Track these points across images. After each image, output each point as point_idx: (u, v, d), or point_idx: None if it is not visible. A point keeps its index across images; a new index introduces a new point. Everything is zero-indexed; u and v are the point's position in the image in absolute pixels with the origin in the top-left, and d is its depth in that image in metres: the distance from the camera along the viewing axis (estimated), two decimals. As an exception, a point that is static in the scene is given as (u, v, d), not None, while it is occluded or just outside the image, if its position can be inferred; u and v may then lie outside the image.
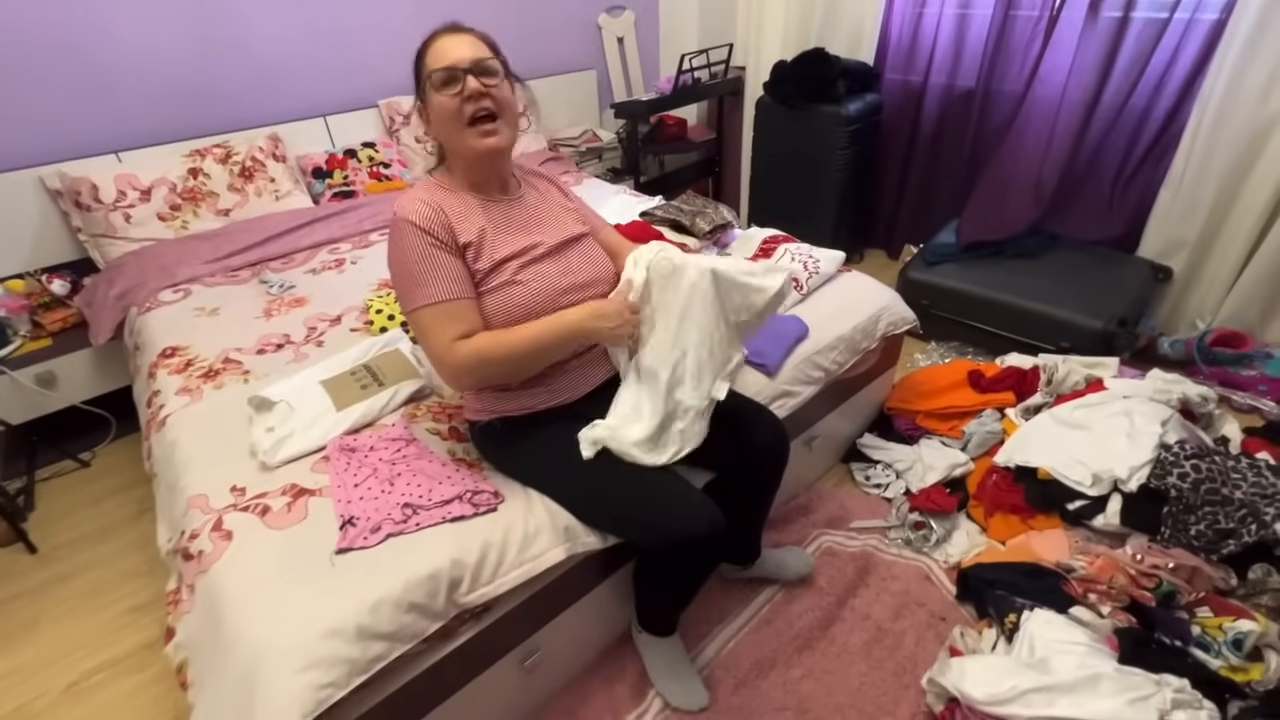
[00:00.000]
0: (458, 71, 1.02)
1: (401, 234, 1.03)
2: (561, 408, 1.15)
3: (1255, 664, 1.21)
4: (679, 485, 1.12)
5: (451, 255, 1.05)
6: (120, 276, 1.91)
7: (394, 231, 1.05)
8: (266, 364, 1.51)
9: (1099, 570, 1.34)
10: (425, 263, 1.02)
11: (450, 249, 1.05)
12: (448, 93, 1.02)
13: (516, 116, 1.10)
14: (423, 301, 1.02)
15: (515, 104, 1.09)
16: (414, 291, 1.02)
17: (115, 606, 1.56)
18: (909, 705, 1.27)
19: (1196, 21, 2.03)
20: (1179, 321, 2.30)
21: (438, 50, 1.05)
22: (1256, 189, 1.99)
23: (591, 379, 1.18)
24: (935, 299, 2.29)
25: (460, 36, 1.06)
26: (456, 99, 1.02)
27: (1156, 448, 1.49)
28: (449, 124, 1.04)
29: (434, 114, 1.06)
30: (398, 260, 1.04)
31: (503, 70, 1.07)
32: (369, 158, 2.46)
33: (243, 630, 0.92)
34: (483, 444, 1.21)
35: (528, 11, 2.86)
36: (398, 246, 1.04)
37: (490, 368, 1.05)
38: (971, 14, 2.48)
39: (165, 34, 2.11)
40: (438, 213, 1.04)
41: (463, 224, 1.07)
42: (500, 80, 1.06)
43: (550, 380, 1.14)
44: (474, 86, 1.02)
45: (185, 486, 1.18)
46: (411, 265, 1.02)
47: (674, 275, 1.09)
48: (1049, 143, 2.33)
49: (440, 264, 1.03)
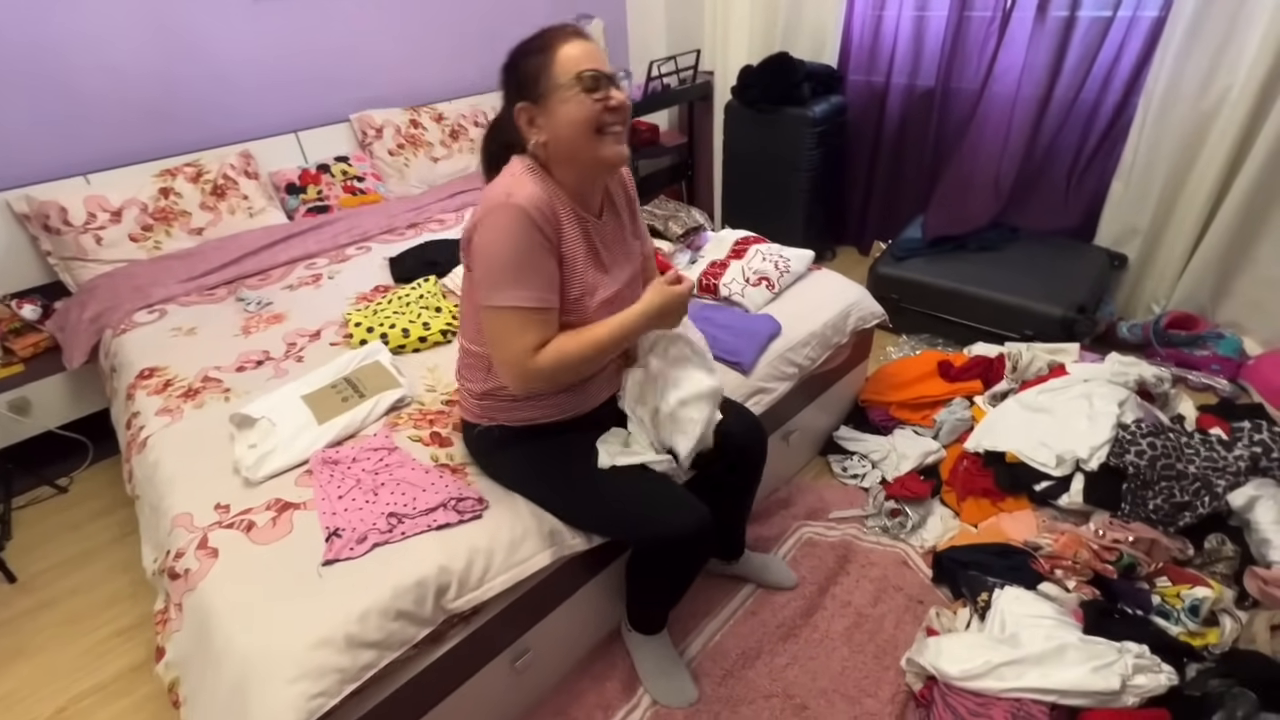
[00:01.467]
0: (604, 78, 0.96)
1: (510, 220, 0.93)
2: (563, 422, 1.16)
3: (1211, 629, 1.28)
4: (668, 486, 1.14)
5: (553, 259, 0.99)
6: (93, 299, 1.90)
7: (499, 214, 0.94)
8: (247, 381, 1.52)
9: (1064, 547, 1.40)
10: (528, 260, 0.95)
11: (553, 252, 0.99)
12: (593, 96, 0.95)
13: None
14: (515, 302, 0.95)
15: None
16: (506, 289, 0.95)
17: (100, 631, 1.55)
18: (890, 686, 1.32)
19: (1138, 19, 2.12)
20: (1136, 306, 2.39)
21: (577, 54, 0.96)
22: (1201, 177, 2.09)
23: (597, 398, 1.19)
24: (904, 293, 2.36)
25: (593, 45, 0.98)
26: (599, 105, 0.96)
27: (1115, 427, 1.56)
28: (580, 128, 0.96)
29: (562, 116, 0.96)
30: (495, 247, 0.94)
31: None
32: (342, 172, 2.47)
33: (233, 644, 0.93)
34: (477, 446, 1.21)
35: (496, 21, 2.88)
36: (501, 232, 0.94)
37: (565, 373, 1.02)
38: (928, 16, 2.56)
39: (131, 54, 2.10)
40: (552, 209, 0.97)
41: (565, 228, 1.01)
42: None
43: (560, 398, 1.13)
44: (621, 98, 0.97)
45: (169, 506, 1.18)
46: (512, 258, 0.94)
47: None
48: (1006, 138, 2.41)
49: (543, 266, 0.97)
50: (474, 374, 1.14)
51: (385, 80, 2.67)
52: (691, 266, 1.88)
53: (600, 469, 1.11)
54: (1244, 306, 2.18)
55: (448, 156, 2.69)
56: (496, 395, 1.12)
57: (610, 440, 1.14)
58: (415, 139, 2.63)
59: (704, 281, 1.77)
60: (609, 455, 1.11)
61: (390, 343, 1.58)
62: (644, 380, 1.15)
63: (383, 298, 1.81)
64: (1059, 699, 1.12)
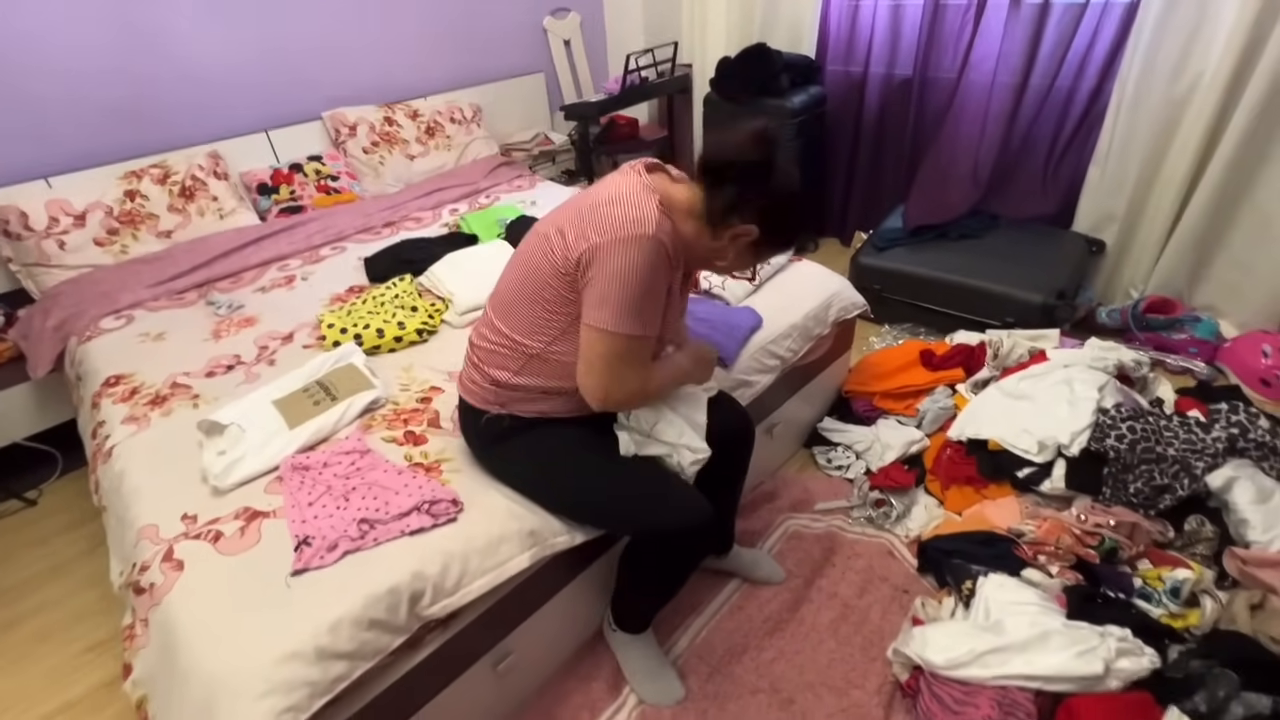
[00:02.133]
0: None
1: (650, 254, 0.97)
2: (574, 418, 1.15)
3: (1193, 610, 1.29)
4: (670, 477, 1.15)
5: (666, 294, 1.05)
6: (57, 306, 1.84)
7: (641, 245, 0.96)
8: (217, 387, 1.48)
9: (1046, 533, 1.40)
10: (652, 294, 1.00)
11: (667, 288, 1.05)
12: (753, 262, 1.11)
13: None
14: (631, 331, 0.99)
15: None
16: (628, 318, 0.98)
17: (70, 647, 1.51)
18: (876, 677, 1.31)
19: (1111, 5, 2.13)
20: (1115, 291, 2.41)
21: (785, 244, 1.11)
22: (1175, 163, 2.10)
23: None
24: (886, 283, 2.35)
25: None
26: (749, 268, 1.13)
27: (1095, 412, 1.56)
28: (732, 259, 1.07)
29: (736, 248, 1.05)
30: (628, 275, 0.97)
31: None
32: (316, 171, 2.42)
33: (199, 661, 0.90)
34: (482, 433, 1.17)
35: (473, 17, 2.84)
36: (638, 262, 0.96)
37: (639, 404, 1.12)
38: (905, 5, 2.55)
39: (93, 52, 2.04)
40: (676, 251, 1.02)
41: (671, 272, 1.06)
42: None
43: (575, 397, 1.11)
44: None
45: (135, 518, 1.14)
46: (640, 290, 0.97)
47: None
48: (984, 126, 2.42)
49: (660, 301, 1.02)
50: (508, 363, 1.11)
51: (358, 77, 2.62)
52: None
53: (608, 460, 1.12)
54: (1219, 290, 2.20)
55: (424, 154, 2.64)
56: (525, 388, 1.11)
57: (630, 427, 1.15)
58: (390, 136, 2.58)
59: (684, 275, 1.76)
60: (633, 444, 1.13)
61: (365, 344, 1.55)
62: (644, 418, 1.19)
63: (357, 298, 1.77)
64: (1043, 685, 1.12)
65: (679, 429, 1.16)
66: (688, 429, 1.16)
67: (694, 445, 1.16)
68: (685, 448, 1.15)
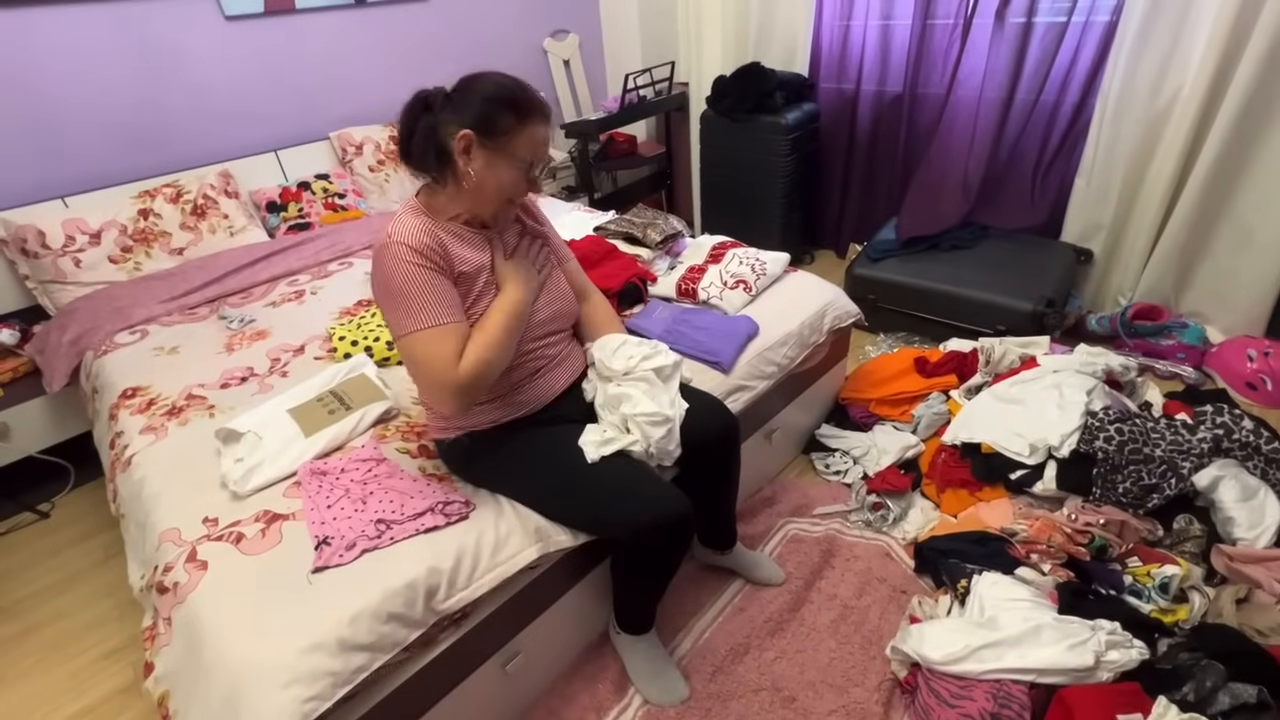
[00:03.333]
0: (540, 166, 1.08)
1: (392, 256, 1.02)
2: (527, 417, 1.20)
3: (1181, 605, 1.32)
4: (645, 473, 1.17)
5: (447, 279, 1.05)
6: (73, 322, 1.89)
7: (382, 254, 1.03)
8: (231, 397, 1.52)
9: (1038, 532, 1.44)
10: (416, 286, 1.01)
11: (446, 270, 1.05)
12: (521, 174, 1.07)
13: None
14: (416, 327, 1.01)
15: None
16: (406, 316, 1.01)
17: (85, 655, 1.54)
18: (876, 674, 1.35)
19: (1091, 24, 2.21)
20: (1104, 299, 2.47)
21: (533, 136, 1.05)
22: (1158, 173, 2.17)
23: (555, 386, 1.24)
24: (880, 293, 2.41)
25: (546, 129, 1.08)
26: (522, 183, 1.08)
27: (1084, 415, 1.61)
28: (492, 189, 1.06)
29: (493, 174, 1.05)
30: (385, 282, 1.03)
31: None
32: (323, 189, 2.48)
33: (224, 654, 0.94)
34: (451, 459, 1.24)
35: (474, 38, 2.92)
36: (388, 268, 1.02)
37: (490, 368, 1.05)
38: (894, 25, 2.64)
39: (112, 81, 2.11)
40: (434, 239, 1.05)
41: (458, 253, 1.09)
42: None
43: (516, 394, 1.18)
44: (535, 191, 1.10)
45: (156, 522, 1.18)
46: (401, 288, 1.01)
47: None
48: (972, 140, 2.49)
49: (433, 289, 1.02)
50: None
51: (364, 98, 2.70)
52: (670, 272, 1.91)
53: (576, 463, 1.14)
54: (1205, 296, 2.26)
55: (428, 171, 2.71)
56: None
57: (590, 434, 1.17)
58: (396, 155, 2.65)
59: (683, 286, 1.81)
60: (595, 449, 1.14)
61: (375, 355, 1.60)
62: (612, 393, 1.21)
63: (366, 311, 1.82)
64: (1037, 678, 1.15)
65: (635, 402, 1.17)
66: (645, 400, 1.17)
67: (652, 413, 1.15)
68: (644, 418, 1.15)
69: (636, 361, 1.20)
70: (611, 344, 1.24)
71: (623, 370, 1.20)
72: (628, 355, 1.21)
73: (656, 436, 1.16)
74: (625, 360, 1.21)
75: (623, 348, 1.23)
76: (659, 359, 1.22)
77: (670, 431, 1.18)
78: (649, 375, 1.20)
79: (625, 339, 1.26)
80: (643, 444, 1.17)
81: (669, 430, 1.18)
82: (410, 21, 2.73)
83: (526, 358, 1.18)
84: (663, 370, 1.22)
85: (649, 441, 1.17)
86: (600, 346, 1.26)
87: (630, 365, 1.20)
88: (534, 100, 1.06)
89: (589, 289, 1.38)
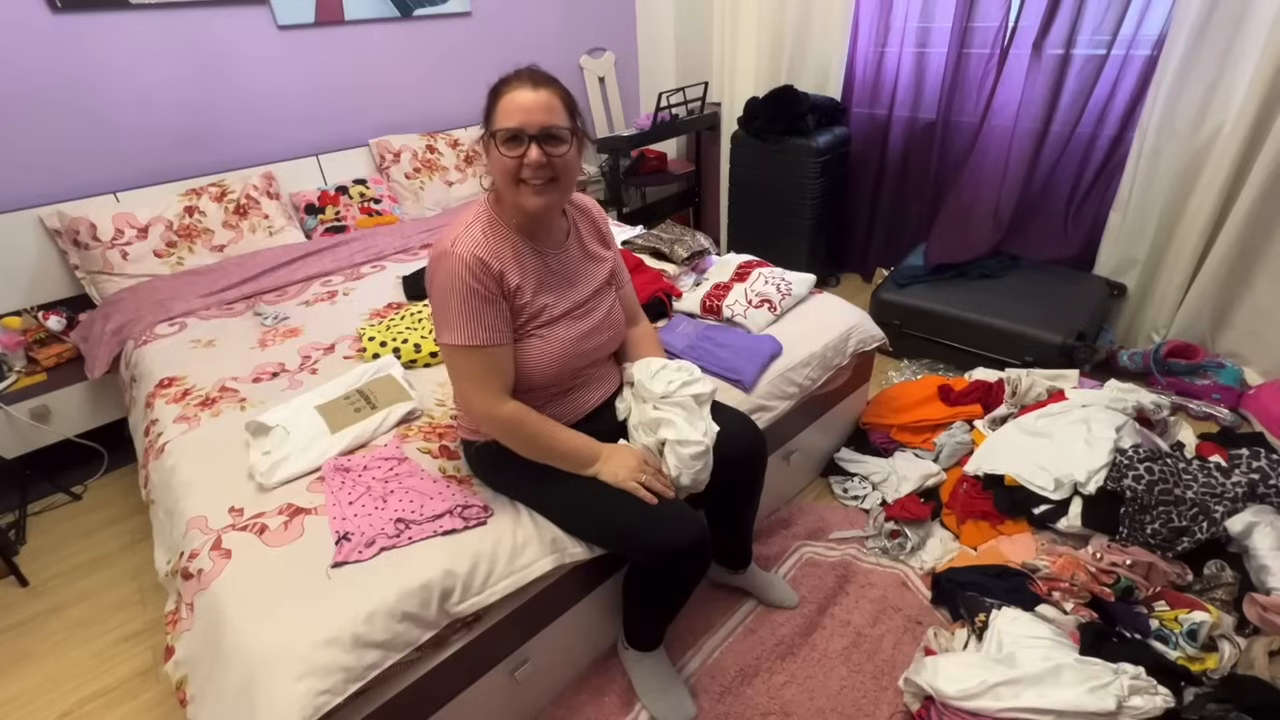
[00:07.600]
0: (523, 135, 0.99)
1: (450, 268, 1.02)
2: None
3: (1210, 654, 1.28)
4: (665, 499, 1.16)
5: (496, 299, 1.05)
6: (117, 312, 1.96)
7: (443, 261, 1.03)
8: (263, 391, 1.57)
9: (1061, 569, 1.40)
10: (467, 304, 1.02)
11: (495, 293, 1.05)
12: (509, 152, 1.00)
13: (575, 179, 1.09)
14: (459, 341, 1.03)
15: (577, 166, 1.08)
16: (453, 328, 1.03)
17: (107, 636, 1.57)
18: (887, 706, 1.32)
19: (1132, 57, 2.19)
20: (1137, 335, 2.42)
21: (510, 104, 1.00)
22: (1197, 210, 2.13)
23: (589, 402, 1.24)
24: (906, 318, 2.39)
25: (536, 93, 1.00)
26: (515, 160, 1.00)
27: (1112, 452, 1.57)
28: (502, 177, 1.03)
29: (493, 161, 1.04)
30: (441, 291, 1.04)
31: (570, 133, 1.03)
32: (360, 194, 2.55)
33: (243, 642, 0.96)
34: (476, 462, 1.25)
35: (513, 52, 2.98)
36: (444, 276, 1.02)
37: (514, 439, 1.11)
38: (929, 52, 2.65)
39: (167, 85, 2.21)
40: (492, 254, 1.04)
41: (510, 268, 1.07)
42: (567, 147, 1.02)
43: (550, 407, 1.18)
44: (535, 157, 0.99)
45: (184, 509, 1.22)
46: (453, 301, 1.02)
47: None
48: (1005, 169, 2.47)
49: (481, 311, 1.03)
50: None
51: (404, 108, 2.78)
52: (696, 288, 1.92)
53: (600, 482, 1.14)
54: (1243, 337, 2.20)
55: (462, 180, 2.77)
56: None
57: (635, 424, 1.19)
58: (431, 163, 2.72)
59: (708, 302, 1.82)
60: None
61: (402, 357, 1.63)
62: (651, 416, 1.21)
63: (396, 314, 1.86)
64: (1055, 719, 1.12)
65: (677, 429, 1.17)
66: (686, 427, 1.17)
67: (694, 440, 1.15)
68: (685, 448, 1.15)
69: (676, 386, 1.21)
70: (652, 366, 1.25)
71: (661, 394, 1.21)
72: (667, 380, 1.22)
73: (695, 470, 1.16)
74: (665, 384, 1.21)
75: (663, 371, 1.24)
76: (697, 386, 1.23)
77: (707, 464, 1.19)
78: (687, 400, 1.21)
79: (665, 363, 1.27)
80: (677, 473, 1.16)
81: (706, 462, 1.18)
82: (452, 34, 2.81)
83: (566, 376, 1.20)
84: (700, 396, 1.23)
85: (686, 474, 1.16)
86: (641, 368, 1.26)
87: (669, 389, 1.21)
88: (514, 73, 1.03)
89: (638, 314, 1.39)
